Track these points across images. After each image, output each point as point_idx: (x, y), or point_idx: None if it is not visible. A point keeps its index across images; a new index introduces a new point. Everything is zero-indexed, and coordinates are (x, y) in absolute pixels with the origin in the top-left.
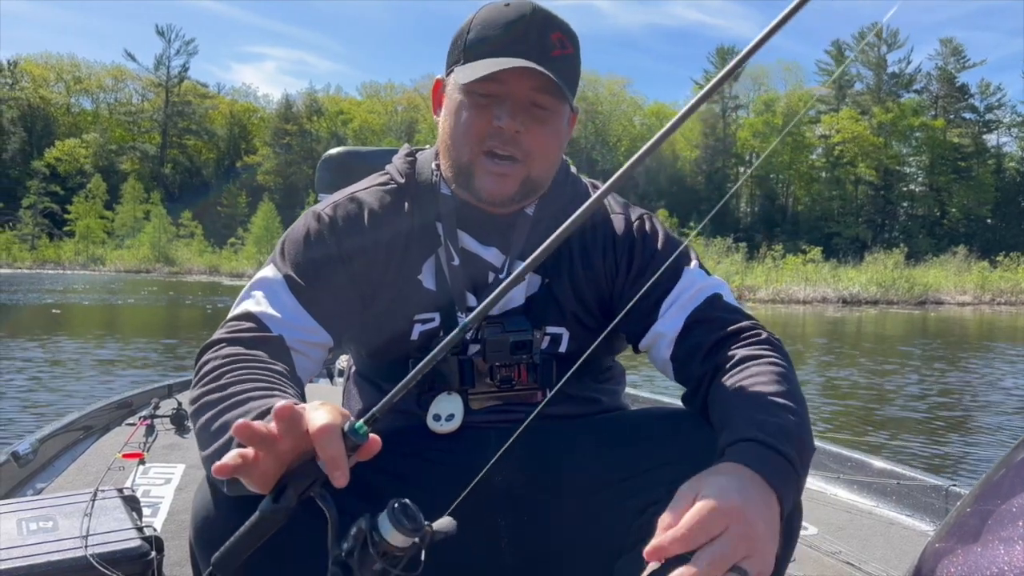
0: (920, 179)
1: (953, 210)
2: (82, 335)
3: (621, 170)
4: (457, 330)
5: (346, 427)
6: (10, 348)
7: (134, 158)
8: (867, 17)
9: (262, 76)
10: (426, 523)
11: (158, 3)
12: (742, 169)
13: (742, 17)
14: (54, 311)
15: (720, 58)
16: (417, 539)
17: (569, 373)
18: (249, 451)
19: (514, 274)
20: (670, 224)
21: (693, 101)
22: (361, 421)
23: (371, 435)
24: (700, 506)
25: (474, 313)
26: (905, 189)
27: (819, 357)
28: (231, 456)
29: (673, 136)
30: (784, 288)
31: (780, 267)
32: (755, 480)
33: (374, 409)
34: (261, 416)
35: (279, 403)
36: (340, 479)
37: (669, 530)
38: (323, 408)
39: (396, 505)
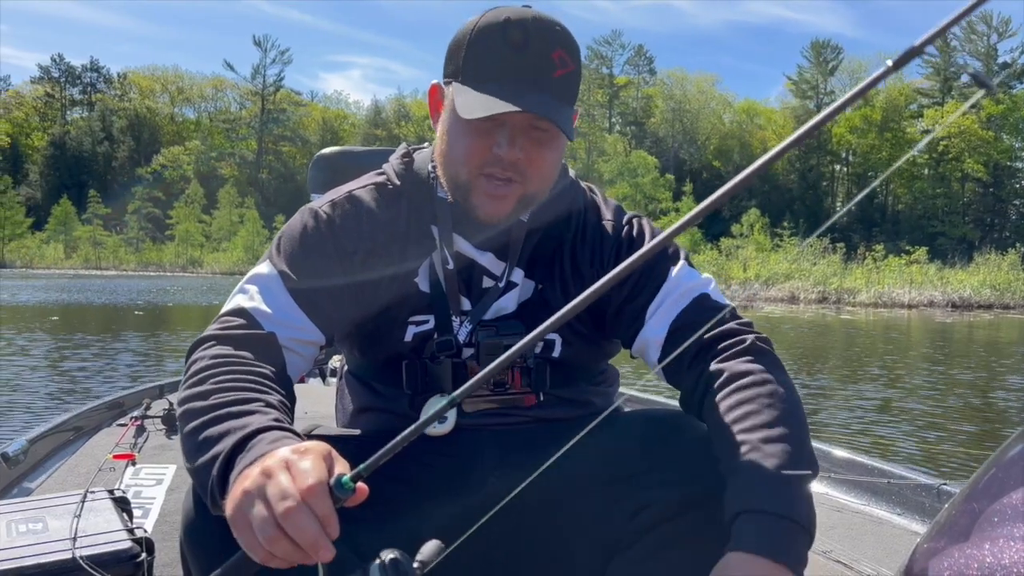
0: None
1: None
2: (141, 334)
3: (714, 195)
4: (448, 399)
5: (332, 482)
6: (69, 343)
7: (232, 164)
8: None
9: (349, 84)
10: (415, 564)
11: (253, 16)
12: (837, 167)
13: (826, 11)
14: (136, 312)
15: (815, 53)
16: None
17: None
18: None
19: (548, 322)
20: (761, 224)
21: (806, 128)
22: (347, 476)
23: (358, 486)
24: None
25: (474, 379)
26: (1018, 186)
27: (928, 366)
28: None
29: (765, 134)
30: (886, 291)
31: (881, 269)
32: (776, 570)
33: (360, 467)
34: (240, 443)
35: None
36: (332, 532)
37: None
38: (309, 457)
39: (387, 560)
